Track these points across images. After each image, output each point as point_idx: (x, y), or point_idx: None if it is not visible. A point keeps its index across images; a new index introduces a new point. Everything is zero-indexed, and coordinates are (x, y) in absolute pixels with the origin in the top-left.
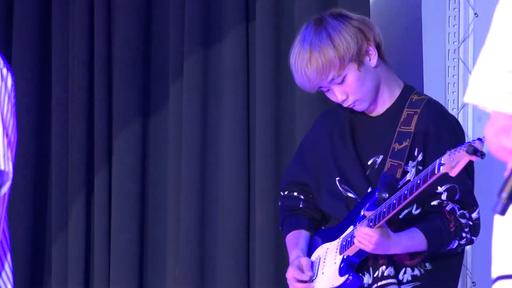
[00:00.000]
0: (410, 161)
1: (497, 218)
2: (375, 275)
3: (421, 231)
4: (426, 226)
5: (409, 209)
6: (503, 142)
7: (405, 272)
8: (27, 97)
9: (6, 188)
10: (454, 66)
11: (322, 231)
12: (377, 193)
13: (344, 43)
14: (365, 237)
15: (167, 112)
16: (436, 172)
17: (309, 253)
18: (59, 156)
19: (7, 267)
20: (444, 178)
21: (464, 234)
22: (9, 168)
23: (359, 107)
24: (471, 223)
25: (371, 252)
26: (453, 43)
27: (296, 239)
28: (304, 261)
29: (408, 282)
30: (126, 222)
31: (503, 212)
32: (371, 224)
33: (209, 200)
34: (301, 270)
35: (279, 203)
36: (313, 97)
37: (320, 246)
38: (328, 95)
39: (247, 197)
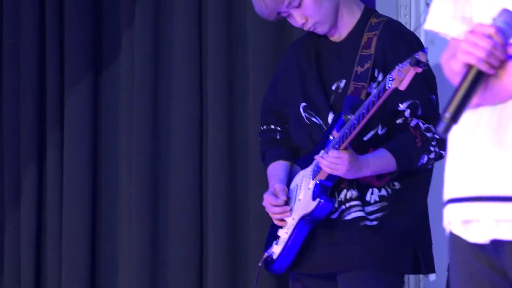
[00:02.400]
0: (372, 83)
1: (450, 142)
2: (339, 199)
3: (388, 150)
4: (392, 145)
5: (374, 130)
6: (452, 65)
7: (372, 193)
8: None
9: None
10: None
11: (300, 158)
12: (343, 115)
13: None
14: (332, 160)
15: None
16: (387, 88)
17: (290, 182)
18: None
19: None
20: (405, 95)
21: (432, 148)
22: None
23: (320, 30)
24: (437, 136)
25: (343, 176)
26: None
27: (274, 171)
28: (278, 186)
29: (375, 202)
30: (78, 189)
31: (445, 132)
32: (336, 146)
33: (162, 154)
34: (275, 196)
35: (259, 139)
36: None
37: (297, 174)
38: (289, 20)
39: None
